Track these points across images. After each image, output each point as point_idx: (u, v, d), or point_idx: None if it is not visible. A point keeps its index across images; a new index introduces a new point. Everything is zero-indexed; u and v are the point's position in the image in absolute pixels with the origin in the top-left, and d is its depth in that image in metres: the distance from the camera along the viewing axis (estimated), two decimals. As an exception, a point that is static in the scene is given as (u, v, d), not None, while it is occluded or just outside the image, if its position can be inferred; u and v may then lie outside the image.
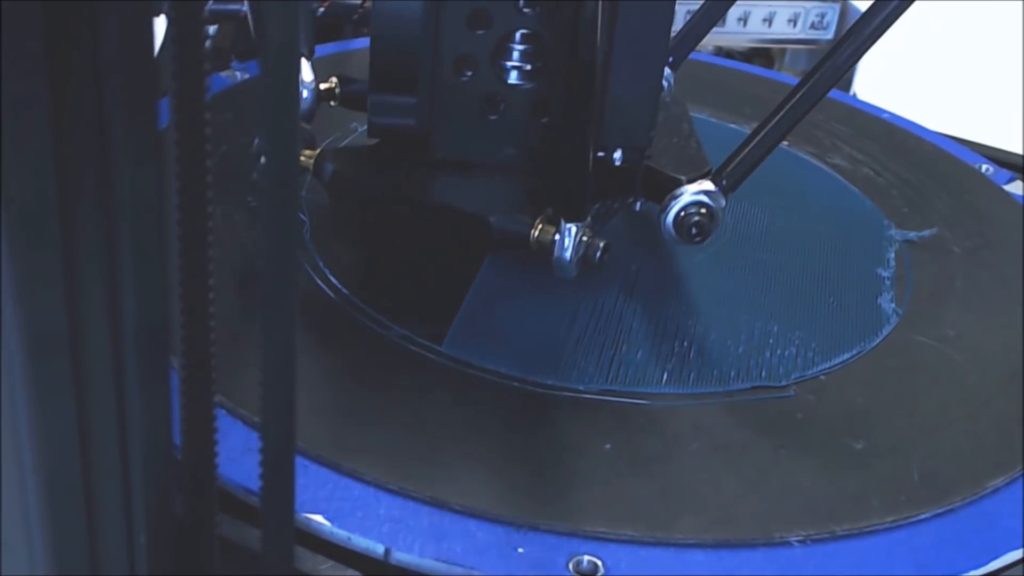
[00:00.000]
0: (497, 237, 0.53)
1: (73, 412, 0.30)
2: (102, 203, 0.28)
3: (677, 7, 0.54)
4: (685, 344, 0.53)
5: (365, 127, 0.58)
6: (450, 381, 0.50)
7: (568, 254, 0.51)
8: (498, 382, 0.50)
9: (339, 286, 0.55)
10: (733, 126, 0.76)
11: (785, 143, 0.74)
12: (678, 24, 0.65)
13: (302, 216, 0.60)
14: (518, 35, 0.53)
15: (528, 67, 0.54)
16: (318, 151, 0.56)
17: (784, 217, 0.66)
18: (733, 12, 1.08)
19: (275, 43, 0.27)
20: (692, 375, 0.51)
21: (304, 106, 0.57)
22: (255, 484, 0.32)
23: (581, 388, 0.50)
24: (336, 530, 0.41)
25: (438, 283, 0.57)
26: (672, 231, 0.53)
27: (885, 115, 0.81)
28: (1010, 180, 0.73)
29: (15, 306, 0.28)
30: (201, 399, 0.31)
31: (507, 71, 0.54)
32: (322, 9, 0.82)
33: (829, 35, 1.11)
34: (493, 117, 0.54)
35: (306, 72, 0.57)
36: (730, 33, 1.10)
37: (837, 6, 1.10)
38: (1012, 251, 0.64)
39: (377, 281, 0.56)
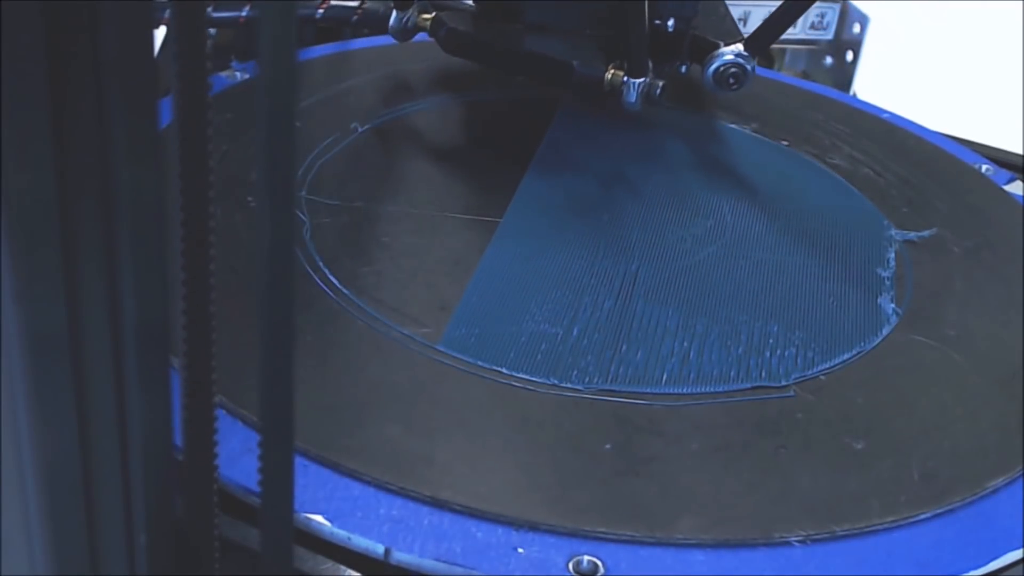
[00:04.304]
0: (577, 80, 0.67)
1: (73, 412, 0.30)
2: (102, 203, 0.28)
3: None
4: (685, 344, 0.53)
5: (363, 128, 0.67)
6: (450, 381, 0.50)
7: (634, 95, 0.66)
8: (498, 382, 0.50)
9: (339, 286, 0.55)
10: (733, 126, 0.76)
11: (784, 143, 0.74)
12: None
13: (302, 216, 0.60)
14: None
15: None
16: (433, 15, 0.72)
17: (784, 217, 0.66)
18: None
19: (274, 43, 0.27)
20: (692, 375, 0.51)
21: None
22: (255, 484, 0.32)
23: (581, 388, 0.50)
24: (336, 530, 0.41)
25: (437, 283, 0.57)
26: (712, 82, 0.68)
27: (885, 115, 0.81)
28: (1010, 180, 0.73)
29: (15, 306, 0.28)
30: (201, 399, 0.31)
31: None
32: (320, 11, 0.82)
33: (829, 35, 1.11)
34: None
35: None
36: (730, 33, 1.10)
37: (837, 6, 1.10)
38: (1012, 251, 0.64)
39: (377, 281, 0.56)
